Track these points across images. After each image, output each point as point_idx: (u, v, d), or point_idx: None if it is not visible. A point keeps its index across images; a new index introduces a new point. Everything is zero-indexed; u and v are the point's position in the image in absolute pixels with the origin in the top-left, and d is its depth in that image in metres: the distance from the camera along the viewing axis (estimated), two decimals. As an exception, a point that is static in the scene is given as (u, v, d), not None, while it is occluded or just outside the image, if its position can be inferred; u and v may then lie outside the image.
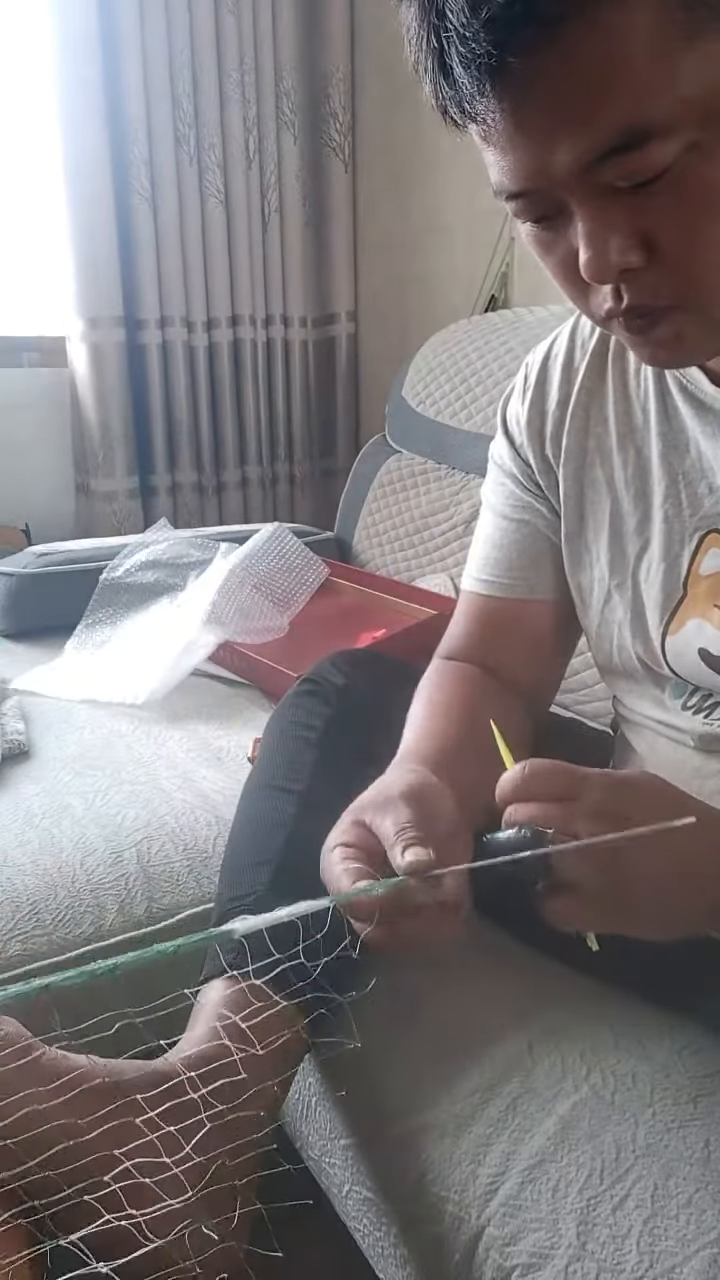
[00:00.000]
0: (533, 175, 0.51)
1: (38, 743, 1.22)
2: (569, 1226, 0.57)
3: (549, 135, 0.49)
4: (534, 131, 0.50)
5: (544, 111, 0.49)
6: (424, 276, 2.11)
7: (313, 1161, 0.77)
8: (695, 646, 0.69)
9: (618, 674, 0.78)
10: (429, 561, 1.63)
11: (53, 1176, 0.56)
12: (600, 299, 0.56)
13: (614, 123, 0.48)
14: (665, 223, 0.51)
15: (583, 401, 0.74)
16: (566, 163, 0.50)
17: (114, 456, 2.02)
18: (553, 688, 0.87)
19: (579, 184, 0.50)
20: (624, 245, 0.51)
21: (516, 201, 0.54)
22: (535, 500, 0.79)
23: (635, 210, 0.51)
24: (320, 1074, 0.77)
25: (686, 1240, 0.55)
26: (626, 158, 0.49)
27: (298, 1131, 0.79)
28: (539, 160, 0.50)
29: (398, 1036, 0.73)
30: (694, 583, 0.68)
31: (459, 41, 0.48)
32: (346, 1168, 0.72)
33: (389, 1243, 0.67)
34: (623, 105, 0.47)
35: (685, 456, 0.68)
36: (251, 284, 2.11)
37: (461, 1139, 0.65)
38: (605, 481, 0.73)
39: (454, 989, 0.76)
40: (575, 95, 0.48)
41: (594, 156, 0.49)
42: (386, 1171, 0.68)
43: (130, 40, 1.85)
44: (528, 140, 0.50)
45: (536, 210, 0.54)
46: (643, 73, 0.47)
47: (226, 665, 1.45)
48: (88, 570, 1.57)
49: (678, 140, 0.48)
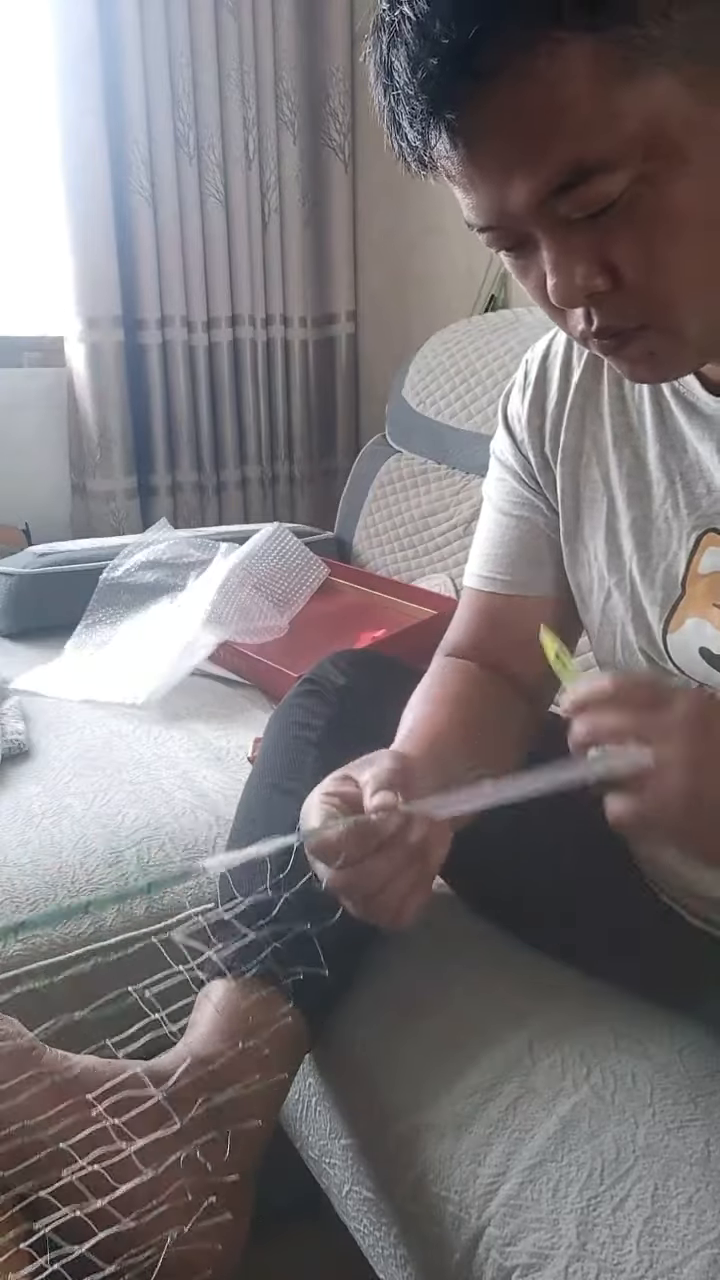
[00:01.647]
0: (494, 212, 0.54)
1: (38, 743, 1.22)
2: (569, 1226, 0.57)
3: (500, 176, 0.52)
4: (487, 174, 0.52)
5: (490, 156, 0.52)
6: (424, 276, 2.11)
7: (313, 1161, 0.77)
8: (696, 645, 0.69)
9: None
10: (429, 561, 1.63)
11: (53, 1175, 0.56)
12: (574, 321, 0.58)
13: (559, 161, 0.50)
14: (624, 249, 0.53)
15: (579, 401, 0.75)
16: (521, 200, 0.52)
17: (113, 456, 2.02)
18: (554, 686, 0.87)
19: (538, 218, 0.53)
20: (588, 272, 0.53)
21: (487, 234, 0.57)
22: (535, 497, 0.80)
23: (595, 238, 0.53)
24: (320, 1074, 0.77)
25: (686, 1240, 0.55)
26: (576, 192, 0.50)
27: (298, 1131, 0.79)
28: (497, 199, 0.53)
29: (398, 1036, 0.74)
30: (692, 581, 0.69)
31: (403, 99, 0.52)
32: (346, 1168, 0.72)
33: (389, 1243, 0.67)
34: (565, 145, 0.49)
35: (683, 457, 0.68)
36: (251, 284, 2.11)
37: (461, 1139, 0.65)
38: (602, 480, 0.74)
39: (454, 989, 0.76)
40: (518, 139, 0.50)
41: (545, 193, 0.51)
42: (386, 1171, 0.68)
43: (130, 40, 1.85)
44: (482, 181, 0.53)
45: (506, 241, 0.56)
46: (581, 114, 0.48)
47: (226, 665, 1.45)
48: (88, 570, 1.57)
49: (625, 173, 0.50)
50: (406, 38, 0.50)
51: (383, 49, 0.52)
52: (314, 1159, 0.77)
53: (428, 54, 0.49)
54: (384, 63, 0.52)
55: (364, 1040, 0.75)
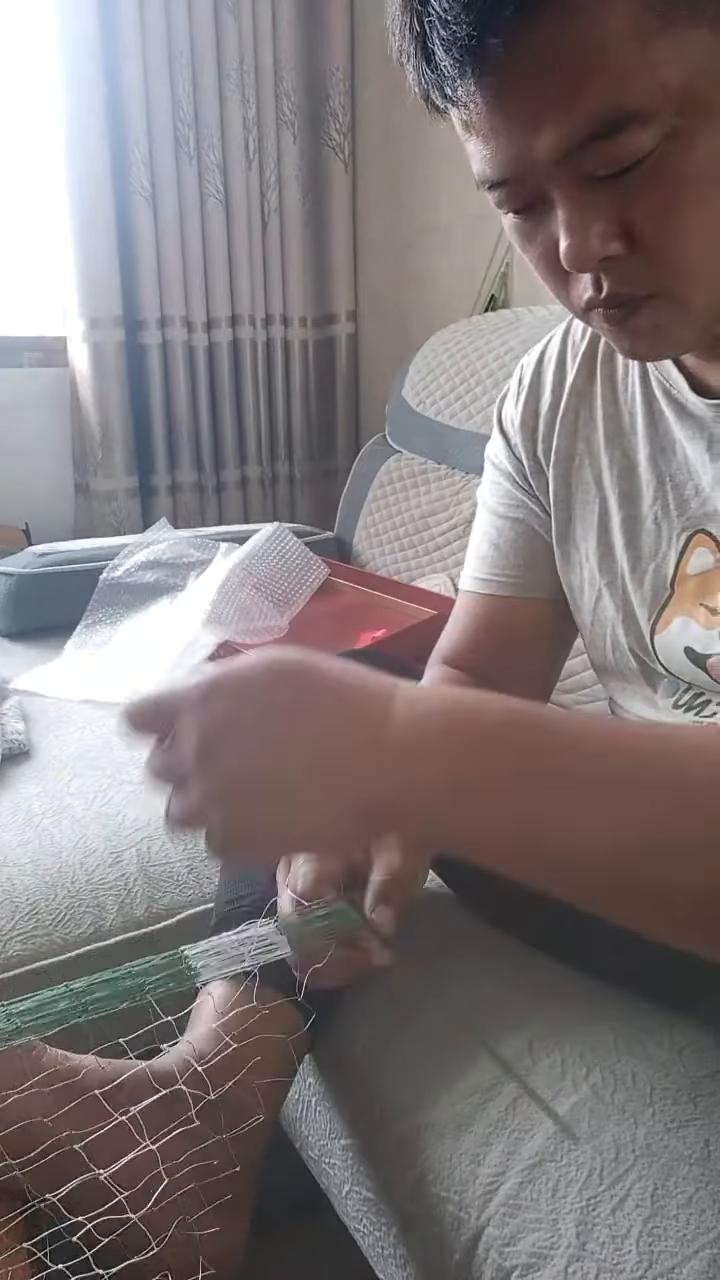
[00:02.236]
0: (513, 162, 0.52)
1: (38, 743, 1.22)
2: (569, 1226, 0.57)
3: (529, 120, 0.50)
4: (514, 116, 0.51)
5: (524, 96, 0.50)
6: (424, 276, 2.11)
7: (313, 1161, 0.77)
8: (681, 644, 0.69)
9: (611, 673, 0.78)
10: (429, 561, 1.63)
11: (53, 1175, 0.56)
12: (581, 288, 0.56)
13: (594, 108, 0.48)
14: (645, 210, 0.51)
15: (573, 404, 0.75)
16: (547, 148, 0.50)
17: (114, 456, 2.02)
18: (549, 687, 0.87)
19: (559, 171, 0.51)
20: (605, 233, 0.52)
21: (498, 191, 0.54)
22: (529, 499, 0.80)
23: (616, 198, 0.51)
24: (320, 1074, 0.77)
25: (686, 1240, 0.55)
26: (606, 144, 0.49)
27: (298, 1131, 0.79)
28: (519, 146, 0.51)
29: (398, 1036, 0.74)
30: (681, 582, 0.69)
31: (440, 25, 0.49)
32: (346, 1168, 0.72)
33: (389, 1243, 0.67)
34: (602, 90, 0.48)
35: (672, 459, 0.68)
36: (251, 284, 2.11)
37: (461, 1139, 0.65)
38: (594, 482, 0.74)
39: (454, 989, 0.76)
40: (555, 79, 0.48)
41: (574, 142, 0.50)
42: (386, 1171, 0.68)
43: (130, 40, 1.85)
44: (508, 126, 0.51)
45: (518, 199, 0.54)
46: (622, 58, 0.47)
47: (226, 665, 1.45)
48: (88, 570, 1.58)
49: (657, 127, 0.49)
50: None
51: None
52: (314, 1159, 0.77)
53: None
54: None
55: (364, 1040, 0.75)
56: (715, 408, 0.64)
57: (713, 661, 0.67)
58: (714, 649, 0.67)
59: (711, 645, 0.67)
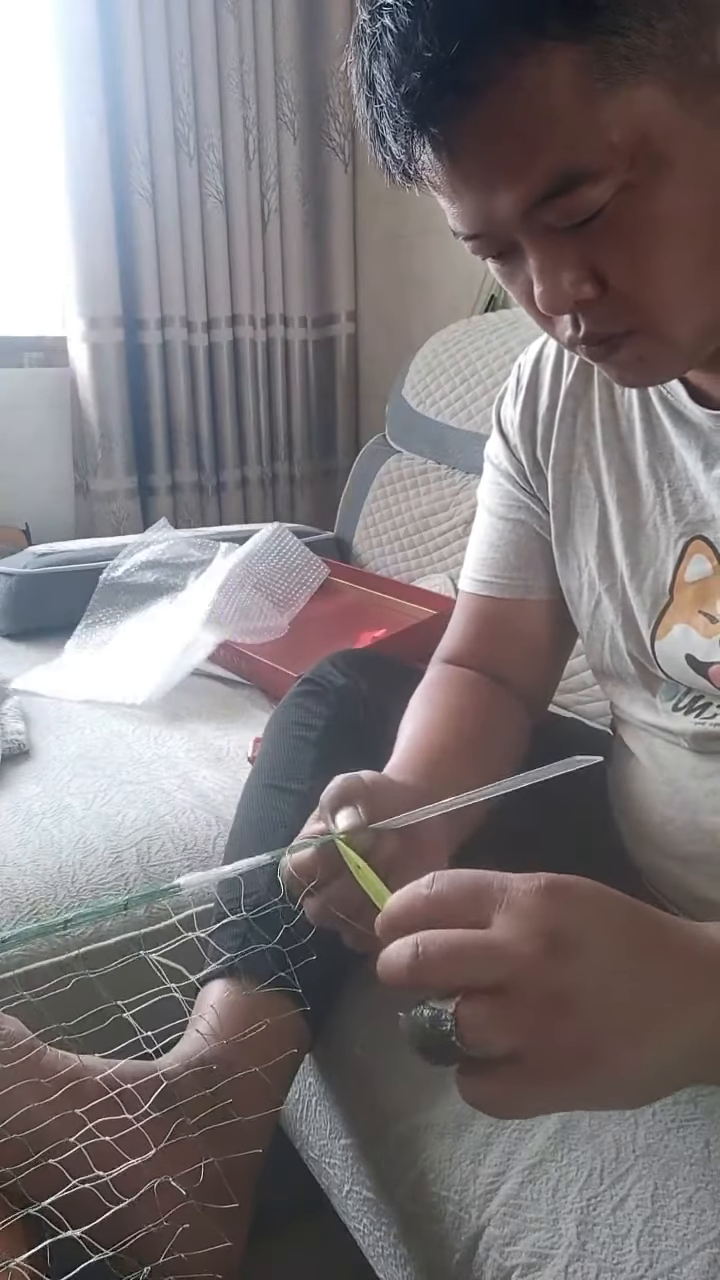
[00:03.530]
0: (480, 221, 0.54)
1: (38, 743, 1.22)
2: (569, 1226, 0.57)
3: (486, 186, 0.52)
4: (471, 185, 0.52)
5: (476, 168, 0.51)
6: (424, 277, 2.11)
7: (313, 1161, 0.77)
8: (682, 652, 0.69)
9: (609, 676, 0.78)
10: (429, 561, 1.63)
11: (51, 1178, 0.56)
12: (561, 328, 0.58)
13: (544, 171, 0.50)
14: (610, 257, 0.53)
15: (570, 406, 0.75)
16: (507, 209, 0.52)
17: (114, 456, 2.02)
18: (551, 688, 0.87)
19: (524, 227, 0.53)
20: (575, 279, 0.53)
21: (472, 243, 0.56)
22: (529, 500, 0.80)
23: (582, 246, 0.52)
24: (320, 1074, 0.77)
25: (686, 1240, 0.55)
26: (562, 200, 0.50)
27: (298, 1131, 0.79)
28: (482, 208, 0.53)
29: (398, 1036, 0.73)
30: (679, 588, 0.69)
31: (387, 113, 0.51)
32: (346, 1168, 0.72)
33: (389, 1243, 0.67)
34: (550, 155, 0.49)
35: (670, 465, 0.69)
36: (251, 284, 2.11)
37: (461, 1139, 0.65)
38: (593, 486, 0.74)
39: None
40: (504, 150, 0.50)
41: (531, 203, 0.51)
42: (386, 1171, 0.68)
43: (130, 40, 1.85)
44: (468, 191, 0.53)
45: (492, 249, 0.56)
46: (566, 123, 0.48)
47: (226, 665, 1.45)
48: (88, 570, 1.57)
49: (610, 181, 0.50)
50: (389, 50, 0.49)
51: (364, 61, 0.51)
52: (314, 1159, 0.77)
53: (410, 67, 0.48)
54: (366, 75, 0.51)
55: (364, 1040, 0.75)
56: (714, 417, 0.65)
57: (715, 670, 0.67)
58: (715, 657, 0.67)
59: (713, 654, 0.67)
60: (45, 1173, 0.56)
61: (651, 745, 0.75)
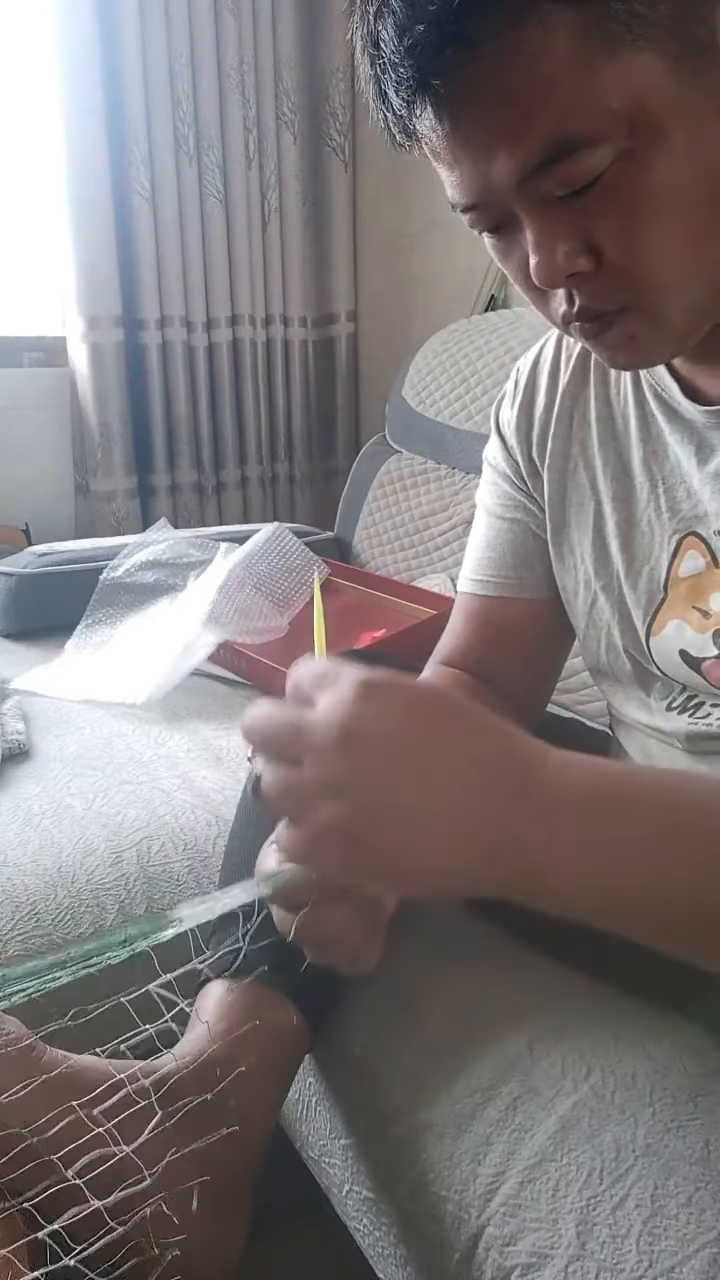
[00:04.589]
0: (478, 189, 0.54)
1: (38, 743, 1.22)
2: (569, 1226, 0.57)
3: (485, 150, 0.52)
4: (470, 148, 0.53)
5: (476, 129, 0.52)
6: (424, 276, 2.11)
7: (312, 1161, 0.77)
8: (676, 648, 0.69)
9: (605, 675, 0.78)
10: (429, 561, 1.63)
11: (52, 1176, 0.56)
12: (556, 303, 0.58)
13: (543, 136, 0.50)
14: (607, 227, 0.53)
15: (567, 406, 0.75)
16: (505, 175, 0.52)
17: (114, 456, 2.02)
18: (547, 689, 0.87)
19: (521, 194, 0.53)
20: (571, 251, 0.54)
21: (470, 214, 0.57)
22: (526, 500, 0.80)
23: (578, 217, 0.53)
24: (320, 1074, 0.77)
25: (686, 1240, 0.55)
26: (561, 167, 0.51)
27: (297, 1131, 0.79)
28: (480, 174, 0.53)
29: (398, 1036, 0.74)
30: (674, 584, 0.69)
31: (390, 69, 0.52)
32: (346, 1168, 0.72)
33: (389, 1242, 0.67)
34: (550, 119, 0.49)
35: (665, 461, 0.69)
36: (251, 284, 2.11)
37: (461, 1139, 0.65)
38: (588, 485, 0.74)
39: (454, 989, 0.76)
40: (503, 112, 0.50)
41: (530, 168, 0.51)
42: (386, 1171, 0.68)
43: (130, 40, 1.85)
44: (466, 156, 0.53)
45: (488, 221, 0.56)
46: (566, 88, 0.49)
47: (226, 665, 1.45)
48: (88, 570, 1.57)
49: (607, 149, 0.50)
50: (394, 6, 0.50)
51: (370, 20, 0.52)
52: (314, 1159, 0.77)
53: (415, 21, 0.49)
54: (371, 33, 0.52)
55: (364, 1040, 0.75)
56: (707, 414, 0.65)
57: (708, 665, 0.68)
58: (708, 652, 0.67)
59: (706, 649, 0.68)
60: (43, 1172, 0.56)
61: (646, 746, 0.76)
